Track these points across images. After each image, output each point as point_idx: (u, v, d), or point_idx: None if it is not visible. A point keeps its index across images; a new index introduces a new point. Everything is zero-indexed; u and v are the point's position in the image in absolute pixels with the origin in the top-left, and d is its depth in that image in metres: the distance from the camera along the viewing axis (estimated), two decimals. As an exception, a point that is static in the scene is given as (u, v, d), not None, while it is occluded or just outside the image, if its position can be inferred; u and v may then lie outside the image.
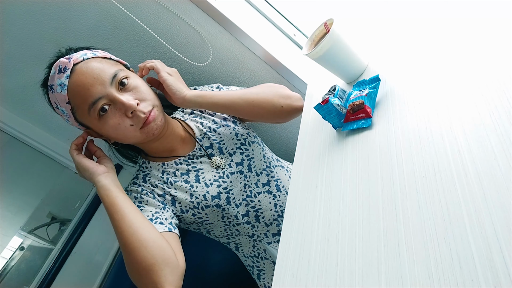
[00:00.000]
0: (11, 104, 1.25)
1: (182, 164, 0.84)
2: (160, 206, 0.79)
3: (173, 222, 0.78)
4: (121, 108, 0.71)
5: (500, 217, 0.33)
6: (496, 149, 0.37)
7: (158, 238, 0.68)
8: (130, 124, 0.72)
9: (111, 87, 0.71)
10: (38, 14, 0.98)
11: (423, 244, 0.37)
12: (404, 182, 0.45)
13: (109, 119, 0.72)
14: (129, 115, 0.71)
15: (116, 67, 0.74)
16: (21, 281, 2.01)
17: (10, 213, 2.19)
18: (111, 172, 0.75)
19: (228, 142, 0.87)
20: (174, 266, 0.66)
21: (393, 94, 0.59)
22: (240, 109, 0.83)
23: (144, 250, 0.65)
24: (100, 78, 0.70)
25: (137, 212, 0.70)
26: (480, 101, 0.43)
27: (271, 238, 0.88)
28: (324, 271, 0.46)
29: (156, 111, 0.75)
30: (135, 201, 0.79)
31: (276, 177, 0.89)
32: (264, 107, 0.83)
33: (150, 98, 0.75)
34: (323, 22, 0.70)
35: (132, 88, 0.74)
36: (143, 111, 0.72)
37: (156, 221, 0.75)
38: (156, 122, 0.75)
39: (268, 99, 0.83)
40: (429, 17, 0.68)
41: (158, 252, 0.65)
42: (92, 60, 0.72)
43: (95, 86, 0.69)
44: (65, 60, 0.70)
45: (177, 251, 0.71)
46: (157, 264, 0.64)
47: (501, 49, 0.47)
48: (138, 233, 0.67)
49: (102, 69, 0.71)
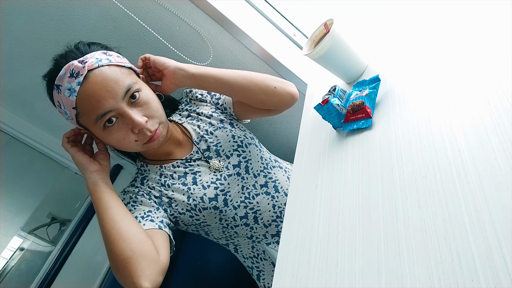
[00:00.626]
0: (11, 104, 1.25)
1: (179, 167, 0.84)
2: (154, 206, 0.79)
3: (164, 221, 0.78)
4: (129, 123, 0.70)
5: (500, 217, 0.33)
6: (496, 149, 0.37)
7: (139, 232, 0.68)
8: (134, 140, 0.72)
9: (123, 102, 0.69)
10: (38, 15, 0.98)
11: (423, 244, 0.37)
12: (404, 182, 0.45)
13: (115, 132, 0.71)
14: (136, 131, 0.71)
15: (130, 78, 0.72)
16: (21, 282, 2.01)
17: (10, 213, 2.19)
18: (104, 171, 0.75)
19: (225, 144, 0.86)
20: (153, 261, 0.66)
21: (393, 94, 0.59)
22: (235, 84, 0.82)
23: (122, 242, 0.65)
24: (113, 92, 0.68)
25: (121, 207, 0.70)
26: (480, 100, 0.43)
27: (270, 239, 0.87)
28: (324, 271, 0.46)
29: (162, 128, 0.75)
30: (130, 201, 0.80)
31: (274, 178, 0.89)
32: (258, 84, 0.83)
33: (158, 115, 0.75)
34: (323, 22, 0.70)
35: (143, 104, 0.73)
36: (150, 129, 0.72)
37: (147, 218, 0.75)
38: (159, 139, 0.75)
39: (263, 78, 0.84)
40: (429, 17, 0.68)
41: (137, 245, 0.65)
42: (107, 68, 0.69)
43: (107, 100, 0.68)
44: (79, 64, 0.67)
45: (161, 247, 0.70)
46: (134, 257, 0.64)
47: (501, 49, 0.47)
48: (119, 225, 0.67)
49: (117, 82, 0.69)
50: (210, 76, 0.81)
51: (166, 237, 0.74)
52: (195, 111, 0.91)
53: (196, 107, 0.92)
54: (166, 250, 0.71)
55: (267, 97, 0.84)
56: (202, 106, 0.92)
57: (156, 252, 0.67)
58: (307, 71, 1.09)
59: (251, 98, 0.85)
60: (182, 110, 0.94)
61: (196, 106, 0.93)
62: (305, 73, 1.10)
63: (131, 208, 0.79)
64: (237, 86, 0.82)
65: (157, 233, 0.73)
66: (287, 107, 0.89)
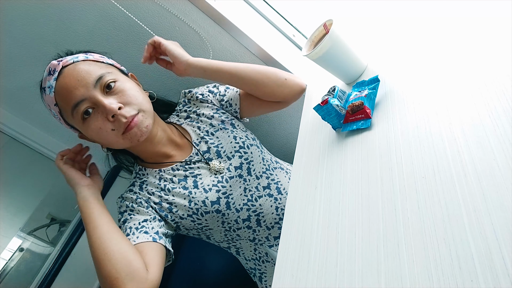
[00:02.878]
0: (10, 105, 1.25)
1: (179, 170, 0.82)
2: (151, 216, 0.77)
3: (160, 231, 0.76)
4: (103, 111, 0.70)
5: (500, 218, 0.33)
6: (495, 150, 0.37)
7: (125, 250, 0.66)
8: (111, 129, 0.71)
9: (95, 90, 0.70)
10: (37, 15, 0.98)
11: (423, 245, 0.37)
12: (404, 183, 0.45)
13: (91, 123, 0.71)
14: (110, 119, 0.70)
15: (105, 70, 0.73)
16: (20, 282, 2.01)
17: (9, 214, 2.18)
18: (95, 186, 0.75)
19: (227, 146, 0.85)
20: (140, 281, 0.64)
21: (392, 95, 0.59)
22: (247, 77, 0.84)
23: (108, 263, 0.64)
24: (83, 81, 0.69)
25: (109, 225, 0.69)
26: (480, 101, 0.44)
27: (272, 241, 0.87)
28: (324, 272, 0.46)
29: (141, 116, 0.73)
30: (127, 209, 0.78)
31: (277, 179, 0.88)
32: (269, 76, 0.85)
33: (136, 102, 0.73)
34: (322, 23, 0.70)
35: (119, 92, 0.72)
36: (125, 115, 0.70)
37: (141, 230, 0.74)
38: (140, 128, 0.72)
39: (273, 71, 0.87)
40: (428, 17, 0.68)
41: (122, 266, 0.64)
42: (81, 63, 0.71)
43: (78, 89, 0.69)
44: (55, 62, 0.70)
45: (152, 263, 0.69)
46: (120, 279, 0.63)
47: (500, 49, 0.47)
48: (105, 245, 0.66)
49: (88, 72, 0.70)
50: (221, 70, 0.83)
51: (160, 250, 0.73)
52: (195, 112, 0.90)
53: (196, 108, 0.91)
54: (157, 266, 0.69)
55: (279, 88, 0.86)
56: (203, 107, 0.91)
57: (144, 271, 0.66)
58: (307, 72, 1.09)
59: (263, 90, 0.86)
60: (180, 111, 0.92)
61: (196, 107, 0.91)
62: (305, 73, 1.10)
63: (128, 217, 0.77)
64: (249, 78, 0.84)
65: (150, 246, 0.71)
66: (296, 99, 0.90)
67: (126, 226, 0.76)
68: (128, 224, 0.76)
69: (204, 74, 0.83)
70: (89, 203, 0.71)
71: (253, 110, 0.94)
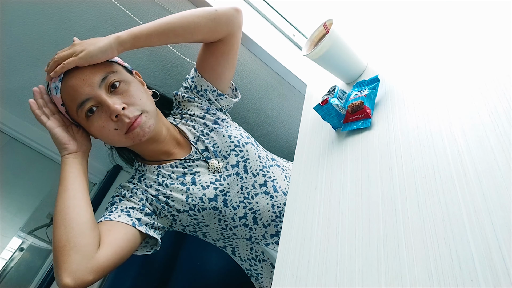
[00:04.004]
0: (11, 105, 1.25)
1: (178, 167, 0.83)
2: (139, 207, 0.78)
3: (144, 220, 0.76)
4: (107, 110, 0.70)
5: (500, 217, 0.33)
6: (495, 149, 0.37)
7: (83, 222, 0.65)
8: (114, 128, 0.72)
9: (100, 89, 0.70)
10: (37, 15, 0.98)
11: (423, 244, 0.37)
12: (404, 183, 0.45)
13: (95, 121, 0.72)
14: (114, 118, 0.70)
15: (110, 69, 0.73)
16: (20, 282, 2.01)
17: (9, 214, 2.19)
18: (82, 151, 0.74)
19: (222, 145, 0.86)
20: (85, 256, 0.62)
21: (392, 95, 0.59)
22: (177, 26, 0.78)
23: (63, 229, 0.63)
24: (89, 80, 0.70)
25: (80, 191, 0.68)
26: (480, 101, 0.44)
27: (269, 239, 0.87)
28: (324, 272, 0.46)
29: (144, 117, 0.73)
30: (119, 195, 0.79)
31: (273, 177, 0.89)
32: (198, 15, 0.80)
33: (140, 102, 0.74)
34: (322, 23, 0.70)
35: (123, 92, 0.73)
36: (128, 115, 0.71)
37: (126, 212, 0.74)
38: (143, 128, 0.73)
39: (200, 9, 0.81)
40: (428, 17, 0.68)
41: (73, 236, 0.63)
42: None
43: (83, 87, 0.69)
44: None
45: (109, 244, 0.67)
46: (66, 248, 0.62)
47: (500, 49, 0.47)
48: (66, 210, 0.65)
49: (92, 71, 0.71)
50: (153, 31, 0.76)
51: (133, 236, 0.72)
52: (187, 113, 0.90)
53: (187, 109, 0.91)
54: (113, 248, 0.68)
55: (214, 22, 0.81)
56: (192, 107, 0.90)
57: (94, 248, 0.65)
58: (307, 72, 1.09)
59: (201, 31, 0.81)
60: (175, 113, 0.93)
61: (186, 108, 0.91)
62: (305, 73, 1.10)
63: (117, 200, 0.78)
64: (182, 26, 0.79)
65: (123, 228, 0.71)
66: (238, 24, 0.85)
67: (112, 206, 0.77)
68: (115, 205, 0.77)
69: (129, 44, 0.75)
70: (69, 166, 0.70)
71: (216, 68, 0.88)
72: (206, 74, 0.89)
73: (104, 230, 0.71)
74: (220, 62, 0.87)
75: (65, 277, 0.60)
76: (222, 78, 0.90)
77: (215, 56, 0.87)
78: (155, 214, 0.80)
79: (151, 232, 0.77)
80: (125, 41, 0.74)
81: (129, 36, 0.74)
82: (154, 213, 0.80)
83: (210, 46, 0.87)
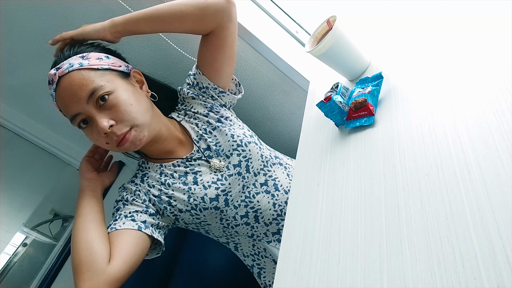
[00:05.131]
0: (14, 101, 1.25)
1: (180, 166, 0.83)
2: (143, 209, 0.79)
3: (149, 221, 0.78)
4: (96, 126, 0.71)
5: (503, 216, 0.33)
6: (500, 147, 0.37)
7: (91, 239, 0.69)
8: (105, 143, 0.74)
9: (88, 105, 0.70)
10: (40, 11, 0.98)
11: (426, 243, 0.37)
12: (407, 180, 0.44)
13: (89, 133, 0.75)
14: (103, 135, 0.71)
15: (99, 80, 0.71)
16: (24, 277, 2.02)
17: (12, 209, 2.20)
18: (98, 181, 0.80)
19: (225, 144, 0.85)
20: (96, 272, 0.66)
21: (396, 92, 0.59)
22: (164, 13, 0.78)
23: (75, 251, 0.69)
24: (76, 96, 0.70)
25: (90, 215, 0.73)
26: (484, 98, 0.43)
27: (271, 237, 0.87)
28: (326, 269, 0.46)
29: (134, 132, 0.73)
30: (123, 199, 0.81)
31: (274, 176, 0.88)
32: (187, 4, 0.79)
33: (129, 118, 0.72)
34: (325, 19, 0.70)
35: (111, 106, 0.71)
36: (116, 133, 0.71)
37: (130, 217, 0.77)
38: (134, 142, 0.74)
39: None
40: (432, 14, 0.68)
41: (83, 255, 0.67)
42: (76, 73, 0.71)
43: (72, 104, 0.71)
44: (53, 72, 0.71)
45: (119, 255, 0.70)
46: (79, 267, 0.67)
47: (505, 46, 0.47)
48: (78, 232, 0.70)
49: (80, 86, 0.70)
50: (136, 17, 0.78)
51: (141, 240, 0.75)
52: (191, 110, 0.90)
53: (191, 106, 0.90)
54: (123, 258, 0.70)
55: (202, 11, 0.80)
56: (196, 104, 0.90)
57: (104, 262, 0.68)
58: (310, 68, 1.09)
59: (188, 20, 0.80)
60: (179, 109, 0.92)
61: (190, 105, 0.91)
62: (308, 70, 1.10)
63: (121, 206, 0.80)
64: (168, 14, 0.79)
65: (129, 235, 0.74)
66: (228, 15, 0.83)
67: (118, 213, 0.79)
68: (120, 211, 0.79)
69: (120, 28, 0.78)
70: (83, 193, 0.76)
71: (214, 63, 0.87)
72: (205, 70, 0.88)
73: (112, 242, 0.73)
74: (216, 57, 0.86)
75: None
76: (221, 73, 0.88)
77: (210, 50, 0.86)
78: (158, 214, 0.81)
79: (156, 235, 0.78)
80: (117, 24, 0.78)
81: (121, 20, 0.78)
82: (158, 213, 0.81)
83: (205, 40, 0.86)
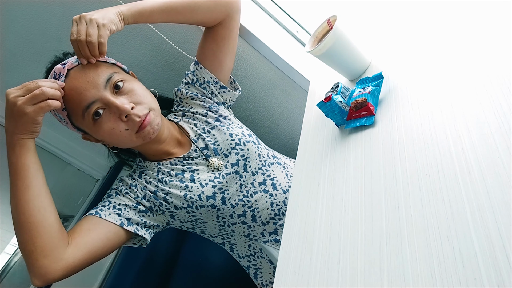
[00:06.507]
0: (14, 101, 1.25)
1: (177, 164, 0.84)
2: (133, 205, 0.79)
3: (135, 219, 0.77)
4: (116, 112, 0.70)
5: (504, 216, 0.32)
6: (500, 147, 0.37)
7: (49, 224, 0.65)
8: (125, 129, 0.71)
9: (105, 91, 0.69)
10: (40, 11, 0.98)
11: (426, 242, 0.37)
12: (407, 180, 0.44)
13: (104, 124, 0.70)
14: (124, 119, 0.70)
15: (112, 69, 0.73)
16: (23, 277, 2.02)
17: (13, 209, 2.19)
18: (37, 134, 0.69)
19: (223, 143, 0.86)
20: (54, 260, 0.64)
21: (396, 92, 0.59)
22: (178, 5, 0.78)
23: (29, 233, 0.63)
24: (93, 82, 0.69)
25: (42, 188, 0.66)
26: (485, 98, 0.43)
27: (267, 236, 0.87)
28: (326, 269, 0.46)
29: (152, 115, 0.74)
30: (117, 189, 0.81)
31: (272, 175, 0.88)
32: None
33: (146, 101, 0.74)
34: (326, 19, 0.70)
35: (128, 91, 0.72)
36: (138, 114, 0.71)
37: (117, 210, 0.76)
38: (152, 126, 0.74)
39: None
40: (432, 13, 0.68)
41: (41, 241, 0.63)
42: (87, 64, 0.71)
43: (88, 90, 0.68)
44: (60, 66, 0.70)
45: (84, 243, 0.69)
46: (34, 253, 0.63)
47: (506, 46, 0.47)
48: (31, 212, 0.63)
49: (96, 72, 0.70)
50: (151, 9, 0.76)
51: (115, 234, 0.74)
52: (189, 110, 0.90)
53: (189, 107, 0.91)
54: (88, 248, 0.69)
55: (213, 2, 0.82)
56: (194, 105, 0.90)
57: (62, 250, 0.66)
58: (310, 68, 1.09)
59: (201, 11, 0.81)
60: (176, 111, 0.93)
61: (188, 105, 0.91)
62: (308, 70, 1.10)
63: (113, 194, 0.80)
64: (181, 5, 0.79)
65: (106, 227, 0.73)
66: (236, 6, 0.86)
67: (108, 199, 0.78)
68: (110, 198, 0.78)
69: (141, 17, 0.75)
70: (31, 155, 0.66)
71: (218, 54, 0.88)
72: (207, 63, 0.89)
73: (84, 229, 0.72)
74: (221, 48, 0.88)
75: (35, 280, 0.64)
76: (223, 66, 0.90)
77: (216, 41, 0.87)
78: (150, 211, 0.81)
79: (141, 232, 0.78)
80: (127, 17, 0.72)
81: (131, 11, 0.73)
82: (150, 210, 0.81)
83: (211, 31, 0.88)
